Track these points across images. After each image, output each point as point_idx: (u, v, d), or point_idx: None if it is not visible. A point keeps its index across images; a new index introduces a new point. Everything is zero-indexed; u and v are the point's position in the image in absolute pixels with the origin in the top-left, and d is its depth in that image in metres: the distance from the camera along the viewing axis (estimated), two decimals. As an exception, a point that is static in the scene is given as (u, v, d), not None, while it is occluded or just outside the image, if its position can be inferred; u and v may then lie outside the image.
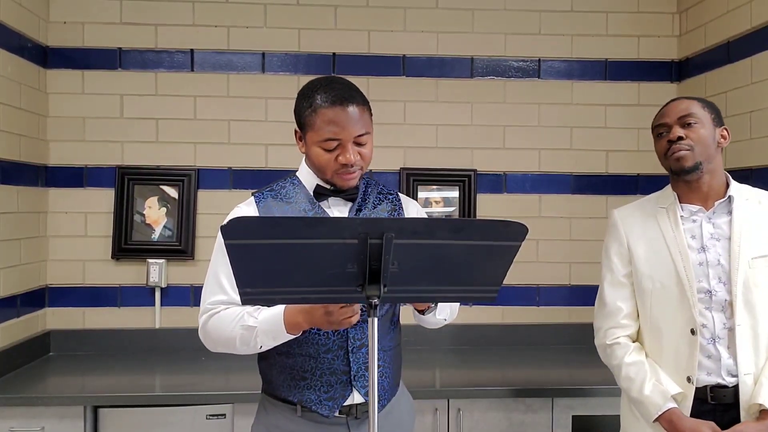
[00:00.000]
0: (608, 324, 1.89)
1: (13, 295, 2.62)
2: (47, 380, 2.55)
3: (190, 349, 2.86)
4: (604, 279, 1.92)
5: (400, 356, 1.78)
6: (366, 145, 1.60)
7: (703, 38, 2.92)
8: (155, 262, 2.91)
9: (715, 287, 1.76)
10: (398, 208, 1.74)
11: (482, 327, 3.00)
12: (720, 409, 1.74)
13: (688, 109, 1.80)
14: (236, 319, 1.58)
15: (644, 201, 1.96)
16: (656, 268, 1.82)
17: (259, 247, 1.17)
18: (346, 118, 1.55)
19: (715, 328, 1.75)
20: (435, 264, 1.23)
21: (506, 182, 3.09)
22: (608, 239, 1.95)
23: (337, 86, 1.59)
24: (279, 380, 1.66)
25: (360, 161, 1.59)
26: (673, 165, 1.80)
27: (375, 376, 1.23)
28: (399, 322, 1.78)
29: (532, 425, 2.39)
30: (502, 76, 3.09)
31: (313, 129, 1.58)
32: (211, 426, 2.32)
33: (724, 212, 1.82)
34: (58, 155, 2.93)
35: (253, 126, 2.99)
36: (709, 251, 1.78)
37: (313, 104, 1.57)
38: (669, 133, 1.80)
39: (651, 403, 1.75)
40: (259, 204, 1.66)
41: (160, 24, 2.96)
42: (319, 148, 1.58)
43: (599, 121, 3.10)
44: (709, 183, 1.82)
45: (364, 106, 1.60)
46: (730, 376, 1.74)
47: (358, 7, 3.03)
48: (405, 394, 1.83)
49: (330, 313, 1.44)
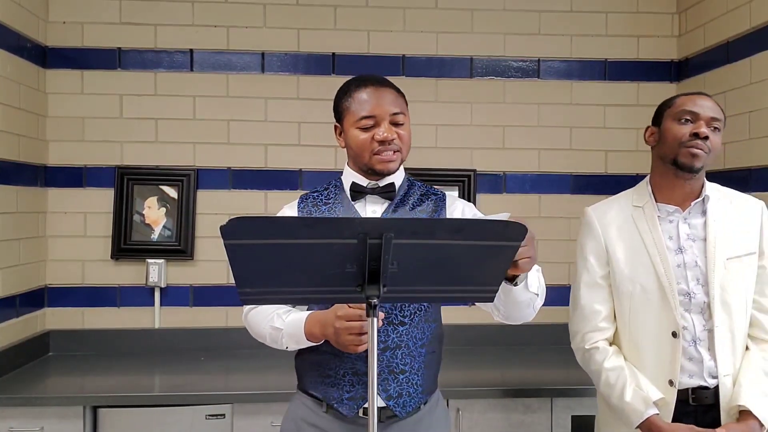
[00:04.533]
0: (586, 327, 1.84)
1: (12, 295, 2.62)
2: (47, 380, 2.55)
3: (190, 350, 2.87)
4: (580, 280, 1.86)
5: (435, 363, 1.71)
6: (404, 126, 1.63)
7: (703, 38, 2.92)
8: (155, 262, 2.91)
9: (693, 289, 1.74)
10: (440, 208, 1.70)
11: (482, 327, 3.00)
12: (701, 410, 1.74)
13: (719, 113, 1.77)
14: (267, 318, 1.64)
15: (618, 198, 1.90)
16: (636, 270, 1.78)
17: (258, 247, 1.16)
18: (380, 96, 1.61)
19: (695, 330, 1.73)
20: (435, 264, 1.23)
21: (506, 182, 3.09)
22: (583, 239, 1.88)
23: (372, 75, 1.69)
24: (309, 375, 1.68)
25: (397, 141, 1.62)
26: (686, 158, 1.73)
27: (375, 376, 1.22)
28: (439, 327, 1.71)
29: (532, 425, 2.39)
30: (501, 76, 3.09)
31: (349, 112, 1.63)
32: (210, 426, 2.31)
33: (698, 213, 1.80)
34: (58, 155, 2.93)
35: (253, 126, 2.99)
36: (686, 252, 1.76)
37: (349, 91, 1.65)
38: (695, 124, 1.73)
39: (632, 410, 1.71)
40: (300, 206, 1.72)
41: (159, 24, 2.96)
42: (356, 129, 1.62)
43: (598, 121, 3.10)
44: (693, 185, 1.80)
45: (399, 93, 1.66)
46: (711, 378, 1.73)
47: (358, 7, 3.03)
48: (440, 404, 1.75)
49: (338, 335, 1.48)
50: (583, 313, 1.86)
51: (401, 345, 1.61)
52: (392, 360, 1.60)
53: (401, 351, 1.61)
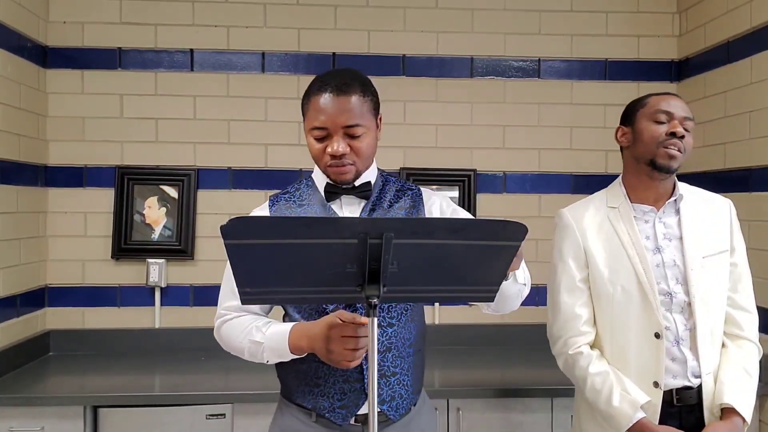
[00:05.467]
0: (568, 332, 1.82)
1: (12, 295, 2.62)
2: (47, 380, 2.55)
3: (190, 349, 2.87)
4: (560, 284, 1.84)
5: (421, 362, 1.69)
6: (360, 138, 1.53)
7: (703, 38, 2.92)
8: (155, 262, 2.91)
9: (674, 288, 1.74)
10: (418, 204, 1.65)
11: (482, 327, 3.00)
12: (685, 410, 1.74)
13: (690, 113, 1.77)
14: (245, 331, 1.58)
15: (592, 199, 1.89)
16: (616, 271, 1.77)
17: (258, 247, 1.16)
18: (334, 106, 1.50)
19: (678, 330, 1.73)
20: (434, 264, 1.23)
21: (506, 182, 3.09)
22: (561, 241, 1.86)
23: (337, 75, 1.54)
24: (294, 385, 1.63)
25: (351, 155, 1.53)
26: (663, 159, 1.73)
27: (375, 377, 1.22)
28: (422, 325, 1.70)
29: (532, 425, 2.39)
30: (501, 76, 3.09)
31: (306, 117, 1.56)
32: (210, 426, 2.31)
33: (672, 212, 1.80)
34: (58, 155, 2.93)
35: (253, 126, 2.99)
36: (664, 252, 1.76)
37: (310, 92, 1.55)
38: (670, 124, 1.73)
39: (621, 414, 1.70)
40: (272, 208, 1.65)
41: (159, 24, 2.96)
42: (311, 137, 1.56)
43: (599, 121, 3.10)
44: (666, 184, 1.80)
45: (362, 97, 1.53)
46: (694, 378, 1.73)
47: (358, 6, 3.03)
48: (426, 402, 1.73)
49: (331, 351, 1.43)
50: (564, 317, 1.83)
51: (391, 347, 1.58)
52: (383, 363, 1.57)
53: (391, 353, 1.59)
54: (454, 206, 1.72)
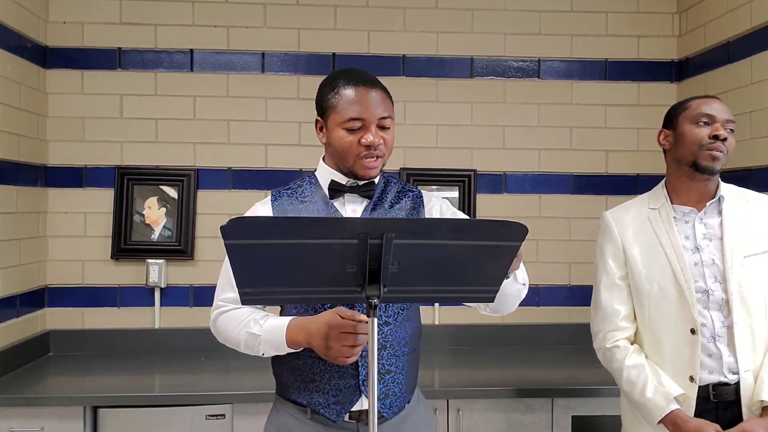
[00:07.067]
0: (606, 327, 1.89)
1: (12, 295, 2.62)
2: (47, 380, 2.55)
3: (190, 350, 2.87)
4: (600, 282, 1.92)
5: (416, 361, 1.71)
6: (389, 130, 1.60)
7: (703, 38, 2.92)
8: (155, 263, 2.91)
9: (711, 286, 1.78)
10: (419, 205, 1.68)
11: (482, 327, 3.00)
12: (722, 406, 1.76)
13: (731, 115, 1.82)
14: (242, 323, 1.59)
15: (634, 202, 1.96)
16: (653, 269, 1.83)
17: (258, 247, 1.16)
18: (369, 98, 1.56)
19: (714, 327, 1.76)
20: (435, 264, 1.23)
21: (506, 182, 3.09)
22: (602, 241, 1.94)
23: (360, 72, 1.62)
24: (289, 381, 1.64)
25: (383, 147, 1.58)
26: (706, 161, 1.78)
27: (375, 378, 1.22)
28: (418, 325, 1.72)
29: (532, 425, 2.39)
30: (501, 76, 3.09)
31: (336, 110, 1.58)
32: (210, 426, 2.31)
33: (714, 213, 1.84)
34: (58, 155, 2.93)
35: (253, 126, 2.99)
36: (703, 251, 1.81)
37: (336, 87, 1.59)
38: (713, 126, 1.78)
39: (654, 405, 1.75)
40: (275, 203, 1.66)
41: (159, 24, 2.96)
42: (342, 129, 1.57)
43: (599, 121, 3.10)
44: (709, 186, 1.84)
45: (386, 93, 1.62)
46: (731, 374, 1.75)
47: (358, 7, 3.03)
48: (421, 401, 1.76)
49: (329, 348, 1.45)
50: (603, 313, 1.90)
51: (386, 345, 1.60)
52: (378, 361, 1.58)
53: (387, 351, 1.60)
54: (454, 209, 1.75)
